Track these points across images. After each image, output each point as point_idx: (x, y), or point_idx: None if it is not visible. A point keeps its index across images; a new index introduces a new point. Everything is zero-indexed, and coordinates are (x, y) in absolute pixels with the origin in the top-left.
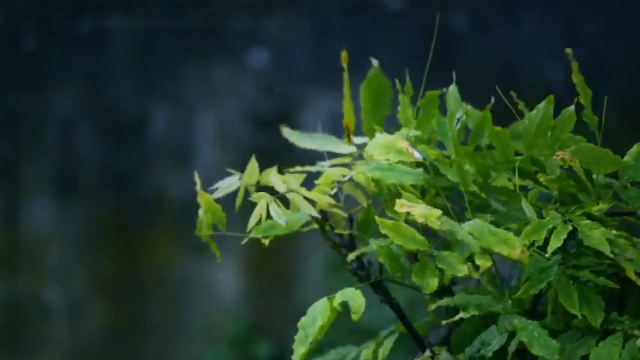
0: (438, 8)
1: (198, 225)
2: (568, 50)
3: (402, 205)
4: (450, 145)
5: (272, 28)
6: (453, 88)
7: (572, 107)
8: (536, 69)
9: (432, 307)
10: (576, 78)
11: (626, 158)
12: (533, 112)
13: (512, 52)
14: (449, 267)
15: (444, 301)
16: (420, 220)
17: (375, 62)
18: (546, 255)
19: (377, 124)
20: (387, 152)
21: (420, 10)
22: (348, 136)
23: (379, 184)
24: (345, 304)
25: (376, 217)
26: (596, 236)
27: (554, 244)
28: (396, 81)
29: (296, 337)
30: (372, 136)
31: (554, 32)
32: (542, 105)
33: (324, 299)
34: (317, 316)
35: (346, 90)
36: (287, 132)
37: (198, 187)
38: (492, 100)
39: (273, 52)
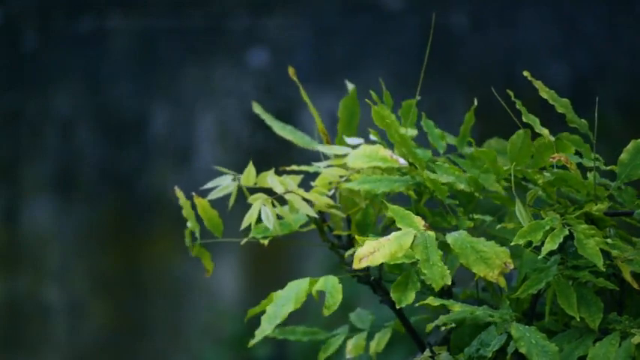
0: (437, 8)
1: (187, 236)
2: (526, 73)
3: (360, 260)
4: (439, 147)
5: (272, 28)
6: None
7: (547, 133)
8: (536, 69)
9: (430, 326)
10: (545, 94)
11: (622, 156)
12: (514, 136)
13: (512, 52)
14: (429, 278)
15: (441, 319)
16: (385, 260)
17: (350, 85)
18: (539, 257)
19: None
20: (370, 161)
21: (420, 9)
22: (327, 142)
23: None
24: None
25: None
26: (591, 246)
27: (549, 246)
28: (372, 92)
29: (267, 310)
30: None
31: (554, 32)
32: (520, 133)
33: (307, 279)
34: (292, 296)
35: (308, 101)
36: (262, 112)
37: (181, 201)
38: (475, 103)
39: (273, 52)
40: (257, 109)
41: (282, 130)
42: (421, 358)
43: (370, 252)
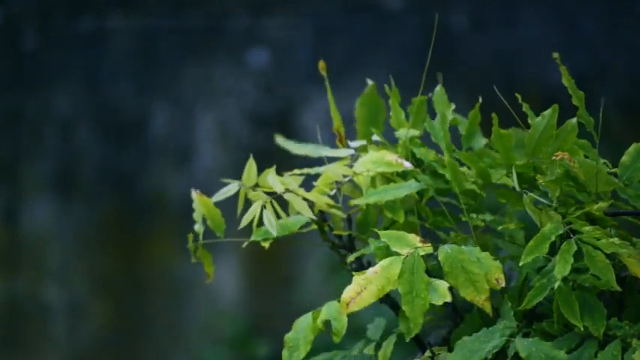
0: (437, 8)
1: (190, 240)
2: (555, 55)
3: (347, 304)
4: (443, 147)
5: (272, 28)
6: (439, 90)
7: (575, 120)
8: (536, 69)
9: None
10: (567, 81)
11: (623, 158)
12: (538, 118)
13: (512, 52)
14: (408, 317)
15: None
16: (373, 300)
17: (369, 82)
18: (556, 282)
19: (367, 139)
20: (377, 167)
21: (420, 9)
22: (341, 141)
23: (375, 185)
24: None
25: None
26: (601, 259)
27: (562, 268)
28: (386, 87)
29: (282, 354)
30: (366, 146)
31: (554, 32)
32: (547, 113)
33: (309, 315)
34: (300, 336)
35: (331, 98)
36: (281, 140)
37: (195, 194)
38: (480, 100)
39: (273, 52)
40: (279, 139)
41: (303, 149)
42: (421, 359)
43: (357, 292)
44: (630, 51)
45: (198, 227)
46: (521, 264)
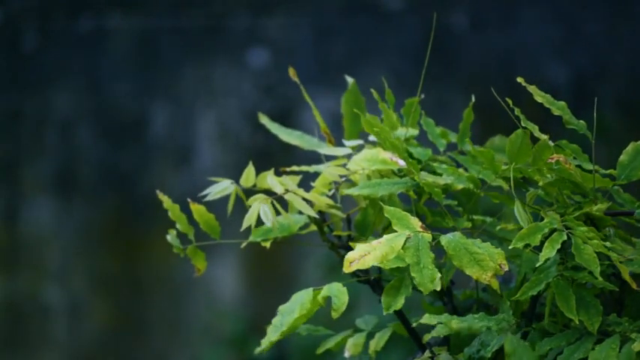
0: (437, 8)
1: (172, 237)
2: (520, 79)
3: (350, 263)
4: (439, 145)
5: (272, 27)
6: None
7: (547, 138)
8: (536, 69)
9: (427, 337)
10: (540, 98)
11: (622, 158)
12: (512, 136)
13: (512, 52)
14: (418, 283)
15: (437, 332)
16: (375, 263)
17: (349, 79)
18: (537, 265)
19: (355, 135)
20: (371, 165)
21: (420, 9)
22: (330, 142)
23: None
24: (328, 301)
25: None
26: (588, 252)
27: (547, 252)
28: (373, 91)
29: (272, 321)
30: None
31: (554, 32)
32: (519, 132)
33: (310, 289)
34: (297, 305)
35: (310, 102)
36: (267, 122)
37: (166, 204)
38: (473, 99)
39: (273, 52)
40: (263, 119)
41: (289, 136)
42: (421, 358)
43: (361, 255)
44: (630, 51)
45: (181, 227)
46: (510, 247)
